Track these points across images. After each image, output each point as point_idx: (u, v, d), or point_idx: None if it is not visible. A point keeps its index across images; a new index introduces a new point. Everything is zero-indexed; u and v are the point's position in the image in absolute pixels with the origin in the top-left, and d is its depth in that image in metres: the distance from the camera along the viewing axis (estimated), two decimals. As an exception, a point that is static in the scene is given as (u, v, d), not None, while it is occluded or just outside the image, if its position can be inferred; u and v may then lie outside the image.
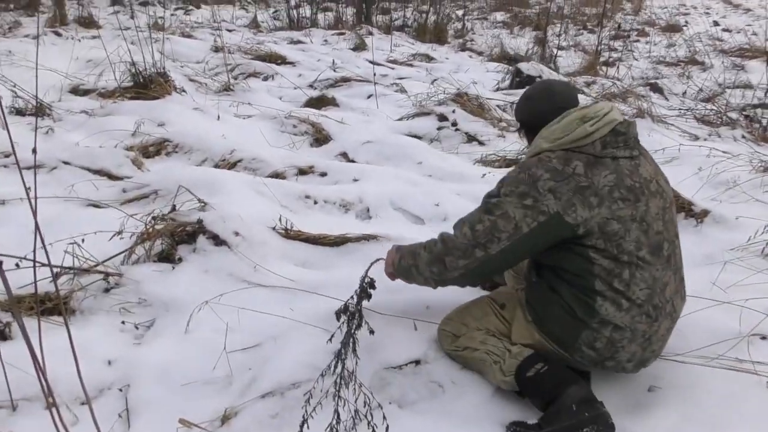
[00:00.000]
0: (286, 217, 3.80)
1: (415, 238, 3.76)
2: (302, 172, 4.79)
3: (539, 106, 2.47)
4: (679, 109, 7.46)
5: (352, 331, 2.61)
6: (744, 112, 7.11)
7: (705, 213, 4.24)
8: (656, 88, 8.72)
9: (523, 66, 8.39)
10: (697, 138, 6.52)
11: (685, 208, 4.34)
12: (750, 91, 9.02)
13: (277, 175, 4.69)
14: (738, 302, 2.95)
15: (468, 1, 18.76)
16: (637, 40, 14.11)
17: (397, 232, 3.88)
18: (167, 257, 3.39)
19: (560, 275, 2.37)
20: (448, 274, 2.47)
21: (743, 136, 6.56)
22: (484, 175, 4.93)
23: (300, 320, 2.89)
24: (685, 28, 16.15)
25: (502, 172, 5.00)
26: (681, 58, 11.51)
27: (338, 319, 2.73)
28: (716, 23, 17.45)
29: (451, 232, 2.51)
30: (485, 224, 2.34)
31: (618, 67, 10.26)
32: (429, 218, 4.27)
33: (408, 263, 2.62)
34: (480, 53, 12.47)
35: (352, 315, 2.65)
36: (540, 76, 8.22)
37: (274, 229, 3.70)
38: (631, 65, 10.85)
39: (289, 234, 3.69)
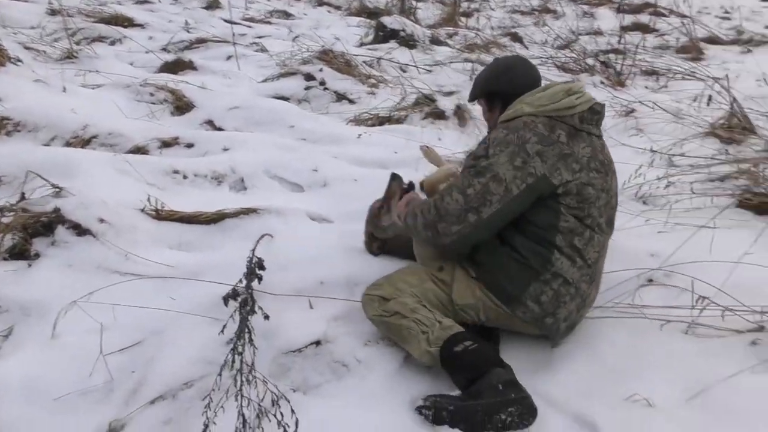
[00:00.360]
0: (154, 196, 3.47)
1: (297, 207, 3.59)
2: (166, 144, 4.41)
3: (520, 77, 2.61)
4: (540, 57, 7.58)
5: (246, 318, 2.40)
6: (599, 59, 7.32)
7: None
8: (516, 38, 8.85)
9: (386, 20, 8.25)
10: (560, 85, 6.65)
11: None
12: (602, 37, 9.37)
13: (138, 150, 4.30)
14: (622, 248, 3.00)
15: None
16: (491, -10, 14.29)
17: (275, 202, 3.66)
18: (21, 254, 2.99)
19: (520, 228, 2.42)
20: (441, 240, 2.44)
21: (602, 82, 6.78)
22: (360, 135, 4.76)
23: (184, 311, 2.64)
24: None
25: (378, 131, 4.88)
26: (535, 7, 11.76)
27: (226, 305, 2.50)
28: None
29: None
30: (476, 188, 2.35)
31: (477, 18, 10.32)
32: (308, 185, 4.06)
33: (409, 223, 2.59)
34: (338, 8, 12.21)
35: (244, 301, 2.43)
36: (404, 29, 8.12)
37: (143, 210, 3.37)
38: (490, 16, 10.96)
39: (161, 215, 3.38)
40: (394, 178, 3.01)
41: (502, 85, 2.65)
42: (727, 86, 5.54)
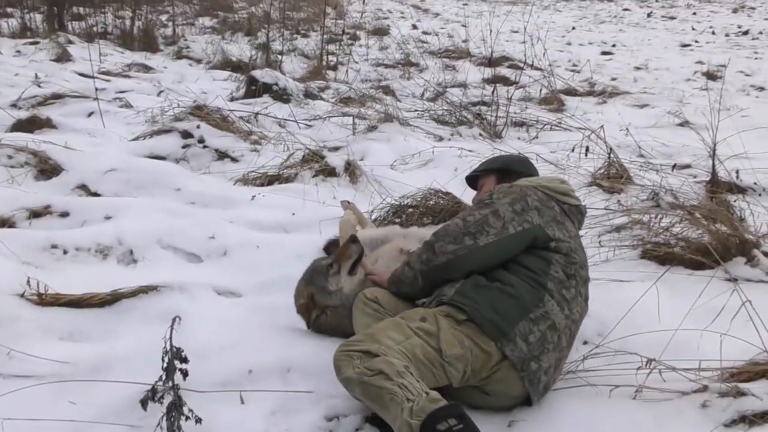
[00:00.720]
0: (33, 277, 3.00)
1: (200, 282, 3.25)
2: (36, 214, 3.89)
3: (534, 170, 3.13)
4: (416, 110, 7.63)
5: (176, 423, 2.06)
6: (474, 111, 7.46)
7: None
8: (388, 91, 8.88)
9: (257, 74, 8.01)
10: (441, 138, 6.70)
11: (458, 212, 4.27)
12: (467, 89, 9.61)
13: (4, 223, 3.77)
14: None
15: (169, 6, 17.73)
16: (351, 44, 14.42)
17: (173, 276, 3.30)
18: None
19: (512, 270, 2.52)
20: (436, 260, 2.55)
21: (480, 134, 6.88)
22: (254, 197, 4.48)
23: (91, 419, 2.24)
24: (390, 31, 16.90)
25: (271, 192, 4.61)
26: (398, 60, 11.96)
27: (145, 408, 2.16)
28: (415, 26, 18.64)
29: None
30: (476, 217, 2.58)
31: (347, 71, 10.32)
32: (206, 254, 3.72)
33: (401, 268, 2.70)
34: (199, 61, 11.78)
35: (173, 404, 2.08)
36: (276, 83, 7.93)
37: (23, 296, 2.90)
38: (359, 69, 10.99)
39: (45, 299, 2.92)
40: (354, 240, 2.95)
41: (523, 168, 3.08)
42: (603, 137, 5.78)
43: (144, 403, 2.17)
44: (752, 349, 2.61)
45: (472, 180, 3.28)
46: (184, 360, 2.25)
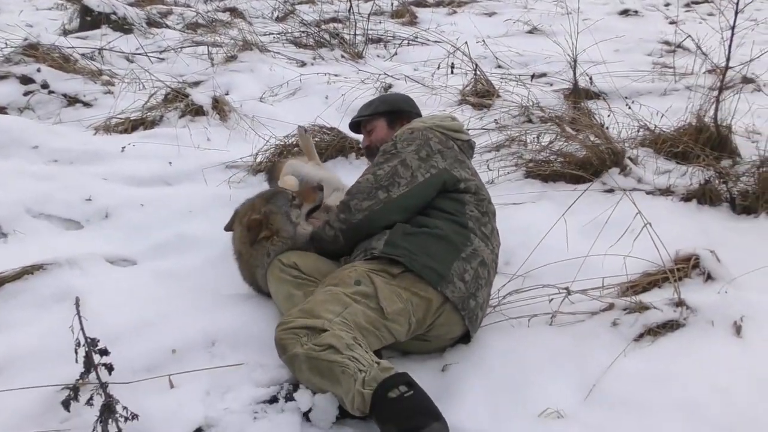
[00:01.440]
0: None
1: (81, 250, 3.00)
2: None
3: (411, 103, 3.22)
4: (273, 33, 7.31)
5: (110, 423, 1.92)
6: (333, 32, 7.26)
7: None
8: (238, 13, 8.43)
9: (92, 2, 7.29)
10: (304, 63, 6.49)
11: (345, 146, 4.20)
12: (316, 5, 9.31)
13: None
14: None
15: None
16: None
17: (55, 248, 3.03)
18: None
19: (432, 214, 2.57)
20: (353, 217, 2.55)
21: (342, 56, 6.72)
22: (124, 148, 4.15)
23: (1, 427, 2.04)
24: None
25: (142, 139, 4.30)
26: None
27: (67, 409, 2.00)
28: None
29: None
30: (385, 170, 2.59)
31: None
32: (85, 219, 3.44)
33: (321, 227, 2.67)
34: (11, -15, 10.55)
35: (106, 406, 1.93)
36: (114, 12, 7.28)
37: None
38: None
39: None
40: (320, 189, 2.94)
41: (411, 107, 3.15)
42: (468, 53, 5.83)
43: (66, 404, 2.01)
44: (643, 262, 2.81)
45: (356, 124, 3.24)
46: (104, 352, 2.08)
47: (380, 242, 2.44)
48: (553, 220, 3.04)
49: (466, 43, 5.83)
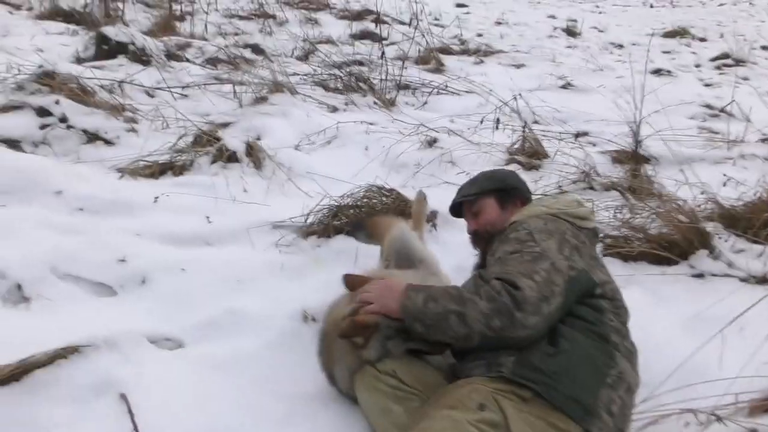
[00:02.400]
0: None
1: (120, 326, 2.54)
2: None
3: (518, 177, 2.70)
4: (299, 75, 6.95)
5: None
6: (364, 76, 6.92)
7: (434, 214, 3.76)
8: (258, 50, 8.07)
9: (110, 31, 6.90)
10: (336, 109, 6.13)
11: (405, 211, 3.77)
12: (336, 46, 9.01)
13: None
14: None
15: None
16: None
17: (81, 318, 2.59)
18: None
19: (571, 323, 2.07)
20: (512, 332, 1.95)
21: (375, 103, 6.37)
22: (157, 198, 3.71)
23: None
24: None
25: (174, 187, 3.88)
26: (252, 11, 10.99)
27: None
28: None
29: None
30: (542, 275, 2.03)
31: (205, 25, 9.29)
32: (119, 284, 2.98)
33: (444, 308, 1.99)
34: (18, 7, 10.14)
35: None
36: (133, 42, 6.87)
37: None
38: (208, 19, 9.92)
39: None
40: None
41: (522, 184, 2.65)
42: (518, 109, 5.49)
43: None
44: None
45: (457, 206, 2.74)
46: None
47: (509, 359, 1.97)
48: (651, 311, 2.66)
49: (515, 97, 5.49)
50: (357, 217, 3.48)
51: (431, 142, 5.10)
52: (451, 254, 3.31)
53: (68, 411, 2.12)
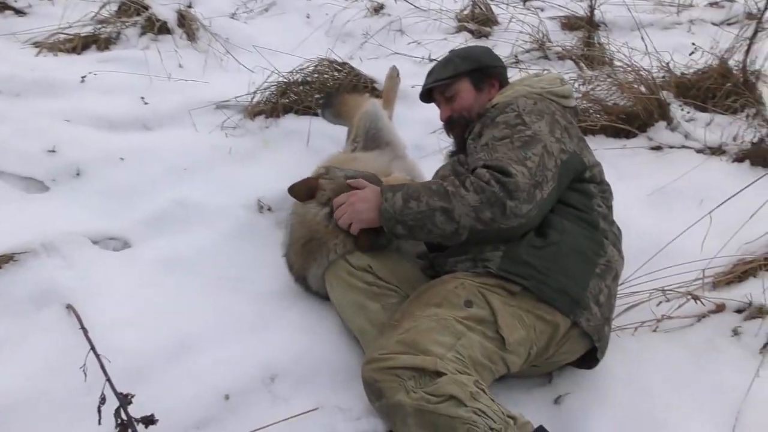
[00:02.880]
0: None
1: (52, 227, 2.29)
2: None
3: (494, 54, 2.42)
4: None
5: None
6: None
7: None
8: None
9: None
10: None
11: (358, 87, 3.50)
12: None
13: None
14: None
15: None
16: None
17: (19, 225, 2.31)
18: None
19: (559, 211, 1.96)
20: (504, 222, 1.81)
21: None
22: (84, 77, 3.32)
23: None
24: None
25: (100, 63, 3.52)
26: None
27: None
28: None
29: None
30: (534, 160, 1.89)
31: None
32: (50, 177, 2.66)
33: (428, 205, 1.84)
34: None
35: None
36: None
37: None
38: None
39: None
40: None
41: (498, 62, 2.39)
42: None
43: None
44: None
45: (428, 92, 2.45)
46: (150, 421, 1.47)
47: (496, 254, 1.85)
48: (614, 188, 2.59)
49: (464, -41, 5.13)
50: (326, 94, 3.20)
51: (377, 9, 4.77)
52: (408, 131, 3.11)
53: (7, 326, 1.91)
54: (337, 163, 2.39)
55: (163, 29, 4.06)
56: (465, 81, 2.31)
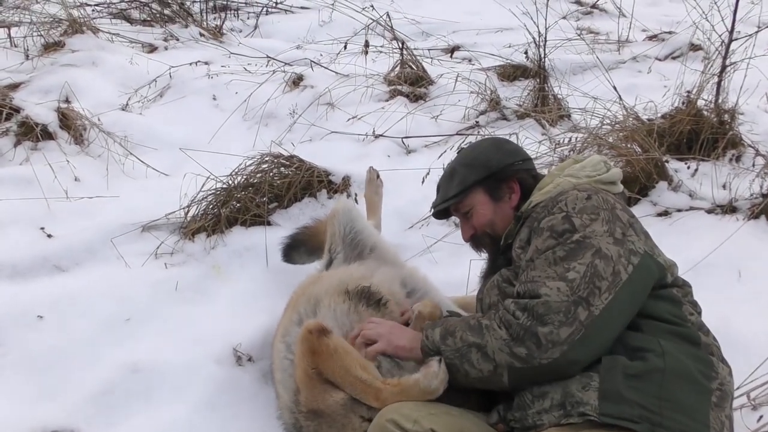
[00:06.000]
0: None
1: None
2: None
3: (505, 147, 2.26)
4: (93, 6, 6.02)
5: None
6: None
7: (346, 181, 3.30)
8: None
9: None
10: (155, 48, 5.37)
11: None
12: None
13: None
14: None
15: None
16: None
17: None
18: None
19: (648, 328, 1.79)
20: (543, 356, 1.69)
21: (201, 35, 5.68)
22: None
23: None
24: None
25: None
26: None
27: None
28: None
29: None
30: (579, 270, 1.75)
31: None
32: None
33: (463, 341, 1.81)
34: None
35: None
36: None
37: None
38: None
39: None
40: None
41: (507, 156, 2.19)
42: (390, 25, 5.07)
43: None
44: None
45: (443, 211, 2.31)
46: None
47: (589, 393, 1.65)
48: None
49: (387, 13, 5.06)
50: (290, 236, 2.86)
51: (297, 81, 4.58)
52: (382, 229, 2.91)
53: None
54: (299, 288, 2.27)
55: (45, 134, 3.70)
56: (478, 193, 2.16)
